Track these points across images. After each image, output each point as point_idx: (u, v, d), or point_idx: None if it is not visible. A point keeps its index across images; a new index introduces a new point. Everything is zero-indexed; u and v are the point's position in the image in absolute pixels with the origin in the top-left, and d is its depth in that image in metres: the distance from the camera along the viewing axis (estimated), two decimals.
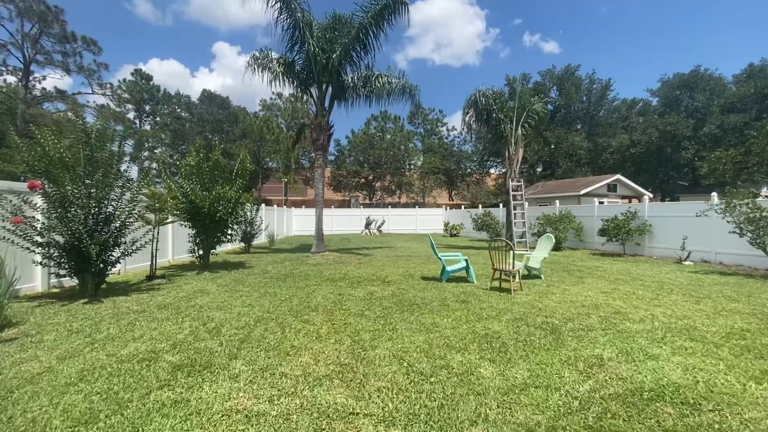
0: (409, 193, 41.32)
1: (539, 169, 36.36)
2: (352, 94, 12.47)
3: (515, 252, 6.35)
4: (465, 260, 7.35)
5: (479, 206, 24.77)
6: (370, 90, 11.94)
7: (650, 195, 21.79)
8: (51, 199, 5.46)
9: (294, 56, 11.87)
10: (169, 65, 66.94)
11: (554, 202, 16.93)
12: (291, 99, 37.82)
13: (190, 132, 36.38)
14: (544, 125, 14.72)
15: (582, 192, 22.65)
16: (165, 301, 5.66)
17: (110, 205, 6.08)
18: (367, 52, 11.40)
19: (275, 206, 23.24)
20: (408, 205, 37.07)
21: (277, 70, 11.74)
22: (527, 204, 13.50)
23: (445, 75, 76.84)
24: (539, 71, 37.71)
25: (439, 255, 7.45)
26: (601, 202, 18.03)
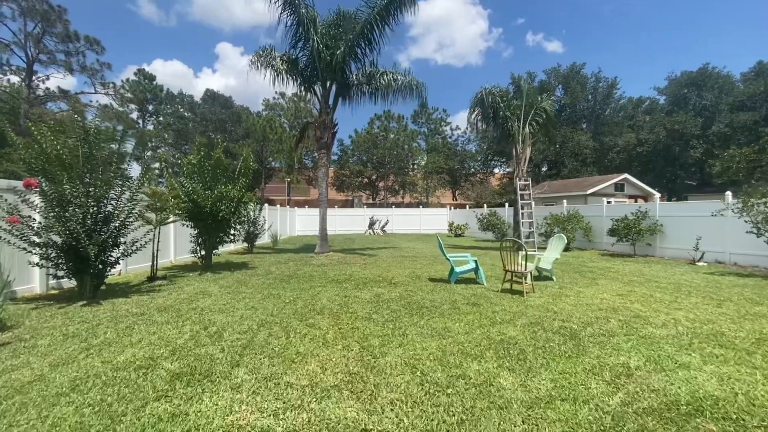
0: (413, 193, 41.09)
1: (544, 169, 36.01)
2: (357, 92, 12.27)
3: (527, 253, 6.11)
4: (474, 261, 7.13)
5: (484, 206, 24.50)
6: (376, 87, 11.73)
7: (658, 194, 21.41)
8: (48, 198, 5.29)
9: (297, 53, 11.70)
10: (173, 66, 67.06)
11: (561, 202, 16.66)
12: (294, 98, 37.70)
13: (193, 132, 36.32)
14: (553, 124, 14.43)
15: (589, 192, 22.32)
16: (165, 304, 5.47)
17: (110, 204, 5.91)
18: (372, 49, 11.21)
19: (278, 206, 23.09)
20: (411, 205, 36.83)
21: (281, 68, 11.55)
22: (534, 203, 13.25)
23: (448, 75, 76.51)
24: (544, 69, 37.31)
25: (448, 256, 7.23)
26: (609, 202, 17.72)
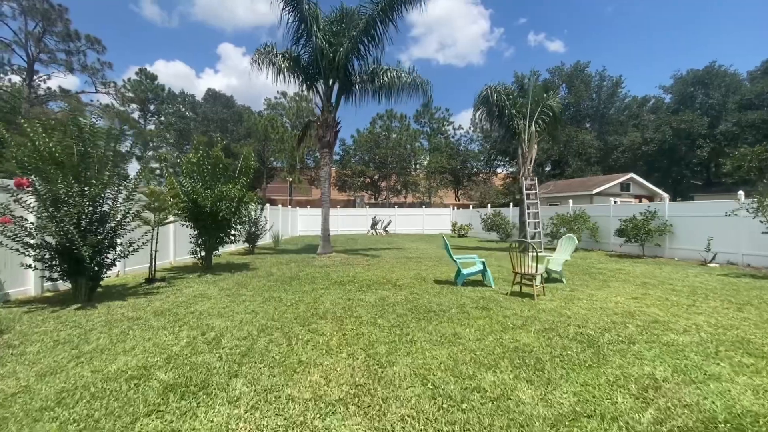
0: (415, 193, 40.84)
1: (548, 168, 35.65)
2: (360, 90, 12.06)
3: (537, 254, 5.88)
4: (482, 263, 6.90)
5: (488, 206, 24.24)
6: (380, 86, 11.50)
7: (664, 195, 21.10)
8: (41, 198, 5.11)
9: (300, 50, 11.51)
10: (175, 66, 67.01)
11: (565, 202, 16.40)
12: (296, 98, 37.54)
13: (195, 131, 36.20)
14: (560, 122, 14.18)
15: (594, 191, 22.04)
16: (163, 307, 5.27)
17: (106, 204, 5.72)
18: (376, 46, 11.01)
19: (280, 206, 22.93)
20: (414, 205, 36.57)
21: (282, 65, 11.35)
22: (539, 203, 13.01)
23: (450, 75, 76.09)
24: (547, 68, 36.97)
25: (454, 257, 7.00)
26: (615, 202, 17.46)
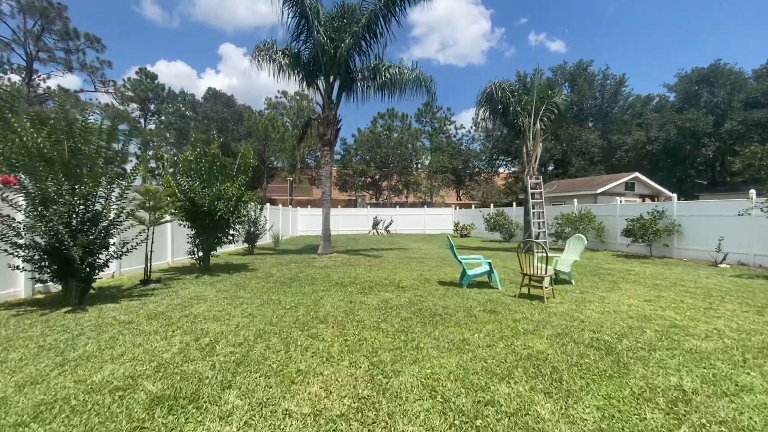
0: (417, 193, 40.60)
1: (550, 168, 35.34)
2: (362, 86, 11.82)
3: (547, 255, 5.65)
4: (488, 264, 6.66)
5: (491, 205, 23.99)
6: (382, 82, 11.27)
7: (669, 194, 20.81)
8: (30, 197, 4.90)
9: (300, 46, 11.29)
10: (176, 66, 66.83)
11: (569, 202, 16.17)
12: (296, 97, 37.35)
13: (195, 131, 36.03)
14: (566, 120, 13.93)
15: (599, 191, 21.76)
16: (156, 310, 5.05)
17: (98, 203, 5.51)
18: (378, 41, 10.77)
19: (280, 206, 22.73)
20: (416, 205, 36.32)
21: (282, 62, 11.14)
22: (544, 203, 12.76)
23: (451, 75, 75.75)
24: (550, 67, 36.66)
25: (460, 258, 6.77)
26: (620, 202, 17.19)
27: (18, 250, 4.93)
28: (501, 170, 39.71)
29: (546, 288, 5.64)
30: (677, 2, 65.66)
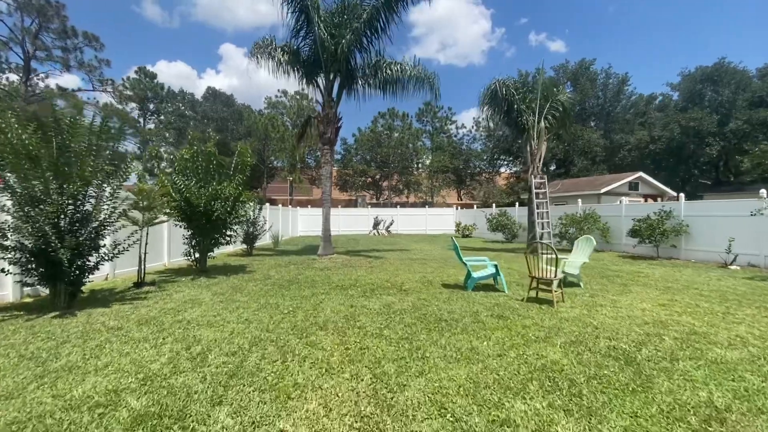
0: (417, 193, 40.35)
1: (553, 167, 35.06)
2: (363, 84, 11.59)
3: (557, 257, 5.41)
4: (494, 266, 6.43)
5: (493, 205, 23.74)
6: (383, 79, 11.03)
7: (673, 193, 20.57)
8: (16, 196, 4.68)
9: (299, 43, 11.07)
10: (177, 67, 66.58)
11: (572, 201, 15.93)
12: (296, 97, 37.12)
13: (194, 130, 35.83)
14: (570, 118, 13.68)
15: (602, 191, 21.50)
16: (148, 315, 4.83)
17: (88, 203, 5.28)
18: (379, 38, 10.53)
19: (280, 206, 22.52)
20: (417, 205, 36.08)
21: (282, 59, 10.91)
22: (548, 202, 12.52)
23: (451, 75, 75.36)
24: (552, 66, 36.26)
25: (464, 260, 6.54)
26: (625, 202, 16.92)
27: (4, 252, 4.71)
28: (502, 170, 39.46)
29: (556, 291, 5.41)
30: (677, 2, 65.38)
